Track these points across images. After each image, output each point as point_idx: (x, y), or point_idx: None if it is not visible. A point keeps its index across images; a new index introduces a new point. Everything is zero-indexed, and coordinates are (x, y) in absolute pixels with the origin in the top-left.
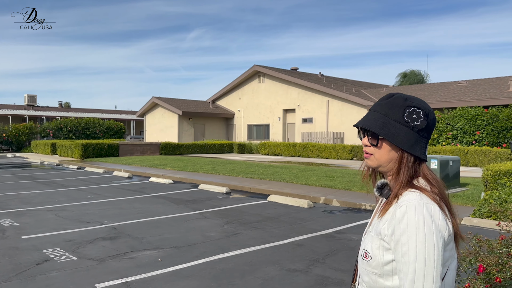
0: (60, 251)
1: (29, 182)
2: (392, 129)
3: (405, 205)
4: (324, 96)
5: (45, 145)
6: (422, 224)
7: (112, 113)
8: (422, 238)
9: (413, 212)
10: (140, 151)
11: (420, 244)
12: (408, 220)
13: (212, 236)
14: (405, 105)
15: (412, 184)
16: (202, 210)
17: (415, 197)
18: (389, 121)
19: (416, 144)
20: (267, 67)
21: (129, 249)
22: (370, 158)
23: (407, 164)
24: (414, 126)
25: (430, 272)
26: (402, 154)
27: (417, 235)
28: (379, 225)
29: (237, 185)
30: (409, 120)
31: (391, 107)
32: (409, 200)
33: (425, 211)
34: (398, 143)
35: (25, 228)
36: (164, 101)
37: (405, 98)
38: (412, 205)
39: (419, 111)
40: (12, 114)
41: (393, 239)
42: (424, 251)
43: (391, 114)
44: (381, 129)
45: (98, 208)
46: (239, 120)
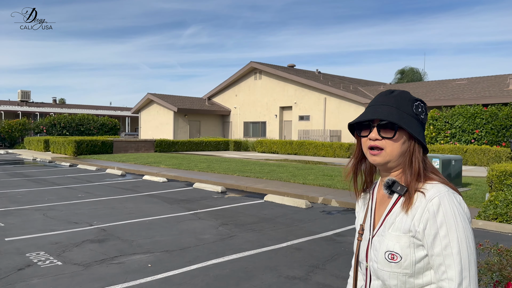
0: (45, 255)
1: (19, 180)
2: (407, 120)
3: (436, 197)
4: (321, 93)
5: (38, 142)
6: (458, 214)
7: (107, 110)
8: (461, 227)
9: (447, 203)
10: (135, 148)
11: (461, 234)
12: (445, 212)
13: (206, 238)
14: (413, 99)
15: (428, 177)
16: (196, 210)
17: (443, 188)
18: (402, 113)
19: (422, 135)
20: (263, 64)
21: (118, 253)
22: (380, 154)
23: (418, 154)
24: (420, 118)
25: (473, 260)
26: (414, 144)
27: (457, 225)
28: (405, 222)
29: (233, 184)
30: (417, 113)
31: (400, 100)
32: (438, 191)
33: (455, 201)
34: (415, 132)
35: (10, 229)
36: (160, 97)
37: (409, 93)
38: (444, 196)
39: (423, 105)
40: (5, 110)
41: (427, 234)
42: (465, 241)
43: (402, 107)
44: (400, 120)
45: (88, 208)
46: (235, 117)
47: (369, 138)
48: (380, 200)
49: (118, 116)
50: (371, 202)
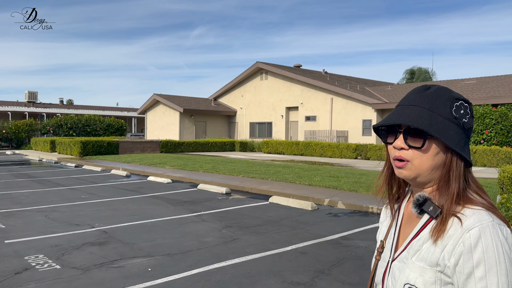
0: (43, 258)
1: (24, 181)
2: (441, 125)
3: (477, 227)
4: (328, 93)
5: (44, 142)
6: (502, 252)
7: (113, 110)
8: (504, 270)
9: (490, 236)
10: (140, 149)
11: (504, 278)
12: (485, 248)
13: (208, 242)
14: (453, 97)
15: (469, 199)
16: (200, 212)
17: (487, 217)
18: (436, 116)
19: (465, 146)
20: (269, 64)
21: (118, 256)
22: (406, 167)
23: (457, 170)
24: (463, 123)
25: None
26: (452, 158)
27: (499, 267)
28: (434, 252)
29: (238, 185)
30: (458, 116)
31: (435, 99)
32: (480, 221)
33: (501, 236)
34: (450, 142)
35: (10, 231)
36: (166, 98)
37: (449, 90)
38: (486, 228)
39: (467, 106)
40: (12, 111)
41: (458, 271)
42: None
43: (436, 108)
44: (430, 126)
45: (91, 209)
46: (241, 118)
47: (394, 147)
48: (408, 218)
49: (125, 117)
50: (397, 216)
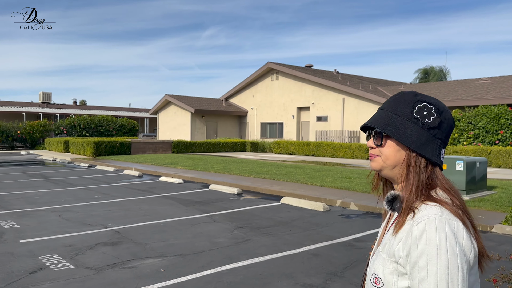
0: (57, 258)
1: (38, 181)
2: (399, 125)
3: (423, 221)
4: (340, 93)
5: (58, 143)
6: (445, 245)
7: (126, 111)
8: (444, 261)
9: (434, 229)
10: (152, 149)
11: (442, 269)
12: (428, 240)
13: (220, 242)
14: (415, 100)
15: (429, 196)
16: (212, 212)
17: (435, 211)
18: (395, 117)
19: (427, 144)
20: (280, 64)
21: (131, 256)
22: (374, 160)
23: (416, 166)
24: (425, 123)
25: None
26: (410, 154)
27: (439, 257)
28: (392, 245)
29: (249, 186)
30: (419, 117)
31: (399, 103)
32: (428, 215)
33: (447, 229)
34: (404, 140)
35: (25, 231)
36: (177, 98)
37: (415, 94)
38: (432, 221)
39: (431, 107)
40: (27, 112)
41: (409, 262)
42: (447, 277)
43: (398, 110)
44: (386, 126)
45: (103, 209)
46: (252, 118)
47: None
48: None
49: (137, 117)
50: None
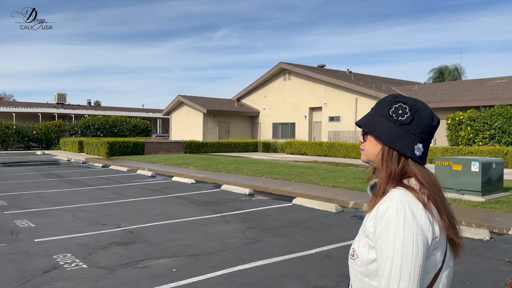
0: (71, 257)
1: (53, 180)
2: (376, 122)
3: (387, 201)
4: (352, 93)
5: (73, 143)
6: (403, 221)
7: (139, 112)
8: (401, 235)
9: (394, 208)
10: (165, 149)
11: (399, 241)
12: (389, 216)
13: (232, 243)
14: (393, 101)
15: (399, 182)
16: (223, 213)
17: (398, 193)
18: (376, 115)
19: (399, 139)
20: (293, 64)
21: (144, 256)
22: (362, 153)
23: (388, 157)
24: (397, 120)
25: (407, 271)
26: (383, 147)
27: (396, 231)
28: (365, 222)
29: (261, 186)
30: (394, 115)
31: (381, 103)
32: (392, 196)
33: (407, 208)
34: (378, 135)
35: (40, 230)
36: (190, 99)
37: (395, 96)
38: (394, 201)
39: (405, 107)
40: (42, 112)
41: (375, 236)
42: (402, 249)
43: (379, 109)
44: (366, 122)
45: (117, 209)
46: (264, 119)
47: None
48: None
49: (150, 118)
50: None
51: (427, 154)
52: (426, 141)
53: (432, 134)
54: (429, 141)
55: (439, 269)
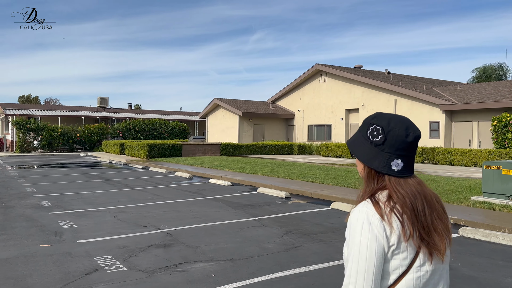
0: (112, 259)
1: (96, 182)
2: (358, 143)
3: (353, 211)
4: (391, 94)
5: (114, 145)
6: (360, 229)
7: (177, 115)
8: (358, 241)
9: (354, 217)
10: (202, 151)
11: (356, 246)
12: (350, 225)
13: (270, 248)
14: (369, 123)
15: (370, 196)
16: (260, 216)
17: (361, 206)
18: (359, 136)
19: (375, 158)
20: (329, 66)
21: (182, 259)
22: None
23: (368, 175)
24: (372, 141)
25: (361, 271)
26: (364, 166)
27: (354, 238)
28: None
29: (297, 190)
30: (370, 136)
31: (363, 124)
32: (357, 208)
33: (365, 219)
34: (358, 156)
35: (82, 231)
36: (225, 102)
37: (372, 117)
38: (354, 212)
39: (379, 129)
40: (86, 116)
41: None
42: (358, 253)
43: (361, 130)
44: (351, 143)
45: (156, 211)
46: (299, 121)
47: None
48: None
49: (187, 121)
50: None
51: (412, 165)
52: (405, 156)
53: (411, 148)
54: (409, 155)
55: (404, 271)
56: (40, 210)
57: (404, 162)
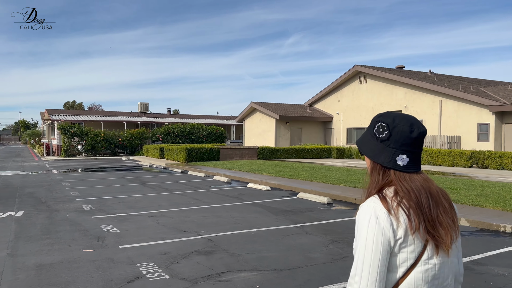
0: (153, 266)
1: (137, 185)
2: (365, 140)
3: (361, 206)
4: (436, 95)
5: (154, 149)
6: (367, 224)
7: (214, 119)
8: (364, 234)
9: (362, 213)
10: (239, 155)
11: (362, 240)
12: (358, 219)
13: (315, 258)
14: (376, 121)
15: (378, 191)
16: (302, 223)
17: (369, 201)
18: (367, 134)
19: (381, 154)
20: (369, 67)
21: (225, 268)
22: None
23: (374, 171)
24: (378, 137)
25: (367, 263)
26: (371, 161)
27: (361, 231)
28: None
29: (340, 195)
30: (376, 133)
31: (371, 123)
32: (364, 203)
33: (372, 213)
34: (365, 152)
35: (124, 236)
36: (262, 105)
37: (379, 115)
38: (364, 207)
39: (384, 125)
40: (127, 121)
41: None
42: (364, 245)
43: (369, 129)
44: (359, 141)
45: (196, 215)
46: (337, 124)
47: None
48: None
49: (224, 125)
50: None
51: (418, 160)
52: (411, 151)
53: (416, 144)
54: (414, 150)
55: (412, 264)
56: (84, 214)
57: (410, 158)
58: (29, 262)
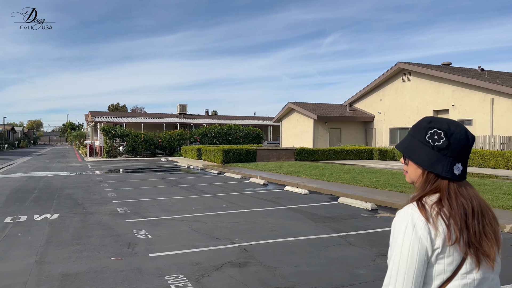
0: (183, 279)
1: (173, 187)
2: (416, 148)
3: (398, 213)
4: (487, 93)
5: (192, 150)
6: (403, 231)
7: (251, 120)
8: (400, 242)
9: (398, 219)
10: (276, 156)
11: (398, 248)
12: (394, 225)
13: (362, 275)
14: (427, 127)
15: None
16: (345, 232)
17: (407, 208)
18: (414, 141)
19: (438, 163)
20: (413, 64)
21: (260, 284)
22: (406, 175)
23: (427, 180)
24: (435, 146)
25: (402, 273)
26: (423, 171)
27: (397, 239)
28: None
29: (385, 201)
30: (430, 141)
31: (417, 129)
32: (402, 210)
33: (409, 221)
34: (417, 161)
35: (155, 243)
36: (299, 106)
37: (429, 121)
38: (399, 213)
39: (440, 132)
40: (166, 122)
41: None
42: (399, 254)
43: (416, 135)
44: (406, 149)
45: (231, 221)
46: (379, 124)
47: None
48: None
49: (261, 126)
50: None
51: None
52: (465, 160)
53: (469, 152)
54: (467, 159)
55: (448, 277)
56: (118, 217)
57: (464, 166)
58: (55, 271)
